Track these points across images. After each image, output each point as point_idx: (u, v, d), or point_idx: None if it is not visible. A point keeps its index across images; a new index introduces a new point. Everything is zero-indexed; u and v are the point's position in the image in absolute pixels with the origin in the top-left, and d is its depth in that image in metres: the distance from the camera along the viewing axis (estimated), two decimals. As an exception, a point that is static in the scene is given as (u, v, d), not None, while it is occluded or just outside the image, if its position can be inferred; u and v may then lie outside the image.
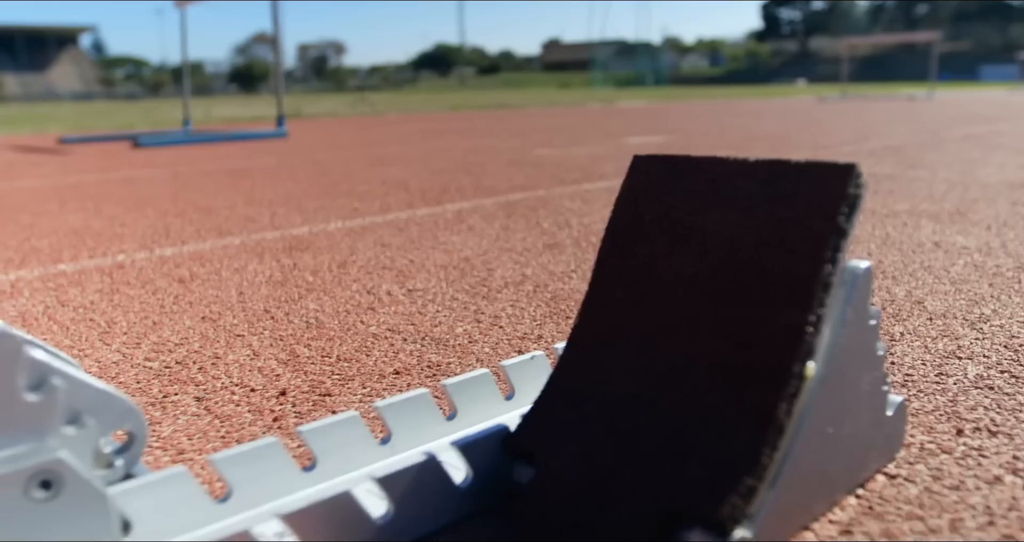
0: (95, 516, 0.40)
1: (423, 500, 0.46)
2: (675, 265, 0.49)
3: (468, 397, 0.57)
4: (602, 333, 0.50)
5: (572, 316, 0.91)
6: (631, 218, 0.53)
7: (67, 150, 4.24)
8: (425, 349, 0.81)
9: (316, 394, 0.70)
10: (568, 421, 0.48)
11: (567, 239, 1.38)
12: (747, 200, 0.49)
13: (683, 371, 0.46)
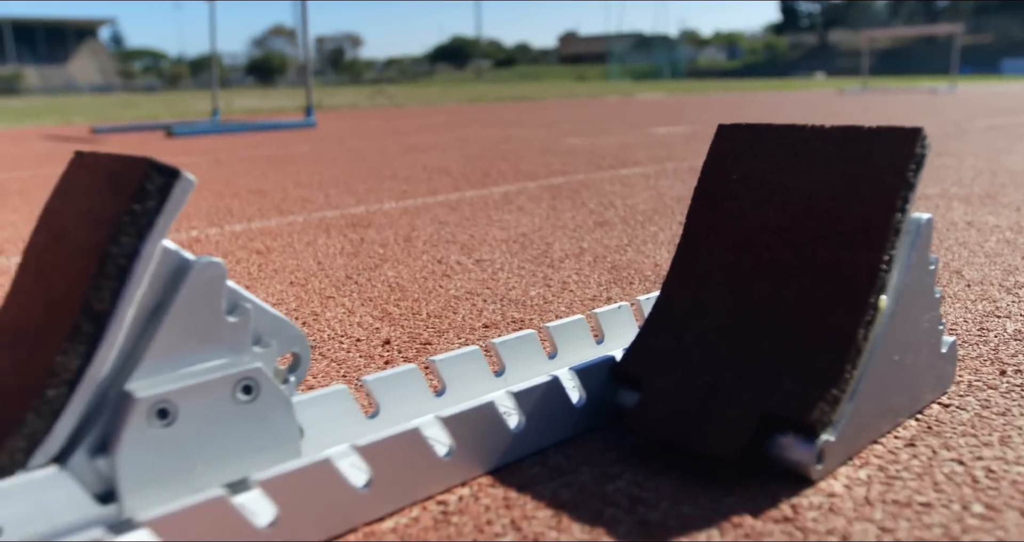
0: (283, 420, 0.48)
1: (548, 416, 0.53)
2: (761, 217, 0.57)
3: (567, 338, 0.65)
4: (696, 276, 0.58)
5: (634, 283, 0.99)
6: (719, 178, 0.60)
7: (102, 139, 4.35)
8: (506, 308, 0.89)
9: (417, 343, 0.78)
10: (669, 350, 0.55)
11: (615, 218, 1.45)
12: (824, 160, 0.56)
13: (772, 305, 0.53)
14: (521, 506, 0.46)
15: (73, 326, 0.43)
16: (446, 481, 0.48)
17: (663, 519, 0.45)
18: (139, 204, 0.44)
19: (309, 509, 0.42)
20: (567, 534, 0.43)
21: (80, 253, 0.45)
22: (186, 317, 0.45)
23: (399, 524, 0.45)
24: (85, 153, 0.53)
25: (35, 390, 0.42)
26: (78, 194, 0.50)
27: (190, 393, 0.44)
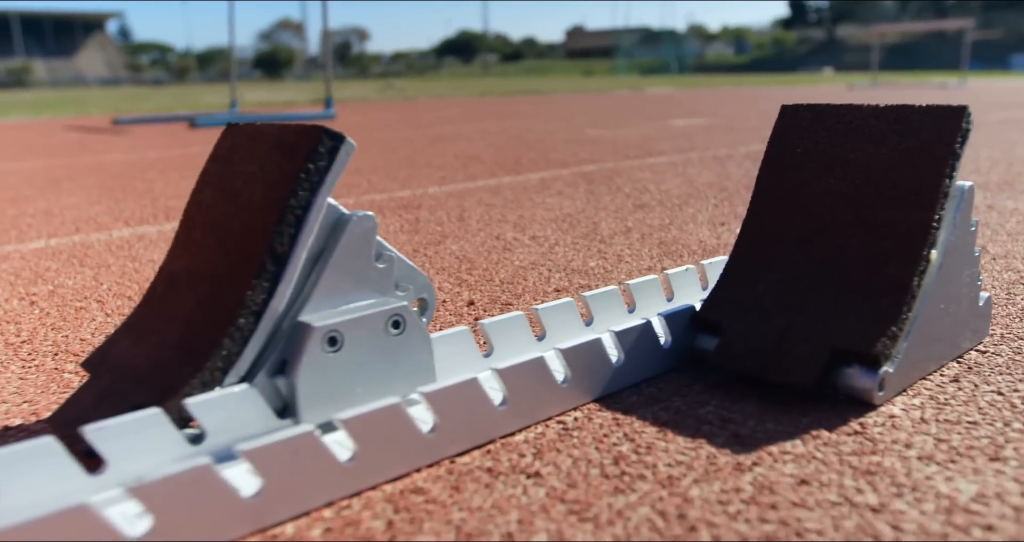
0: (424, 353, 0.56)
1: (641, 354, 0.61)
2: (823, 184, 0.65)
3: (642, 295, 0.73)
4: (765, 235, 0.66)
5: (683, 256, 1.07)
6: (783, 151, 0.68)
7: (125, 130, 4.43)
8: (571, 276, 0.97)
9: (499, 304, 0.86)
10: (744, 299, 0.63)
11: (652, 201, 1.53)
12: (880, 134, 0.64)
13: (836, 258, 0.61)
14: (629, 424, 0.55)
15: (260, 266, 0.51)
16: (563, 405, 0.56)
17: (752, 433, 0.53)
18: (312, 164, 0.52)
19: (460, 420, 0.50)
20: (674, 444, 0.52)
21: (255, 206, 0.54)
22: (344, 261, 0.54)
23: (529, 437, 0.53)
24: (240, 124, 0.61)
25: (228, 320, 0.51)
26: (240, 159, 0.58)
27: (354, 325, 0.52)
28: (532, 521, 0.43)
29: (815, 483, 0.46)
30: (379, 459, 0.47)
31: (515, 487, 0.46)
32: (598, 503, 0.44)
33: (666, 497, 0.45)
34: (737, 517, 0.43)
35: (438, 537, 0.41)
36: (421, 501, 0.45)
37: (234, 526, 0.42)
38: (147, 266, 1.10)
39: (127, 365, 0.55)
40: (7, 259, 1.17)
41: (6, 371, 0.70)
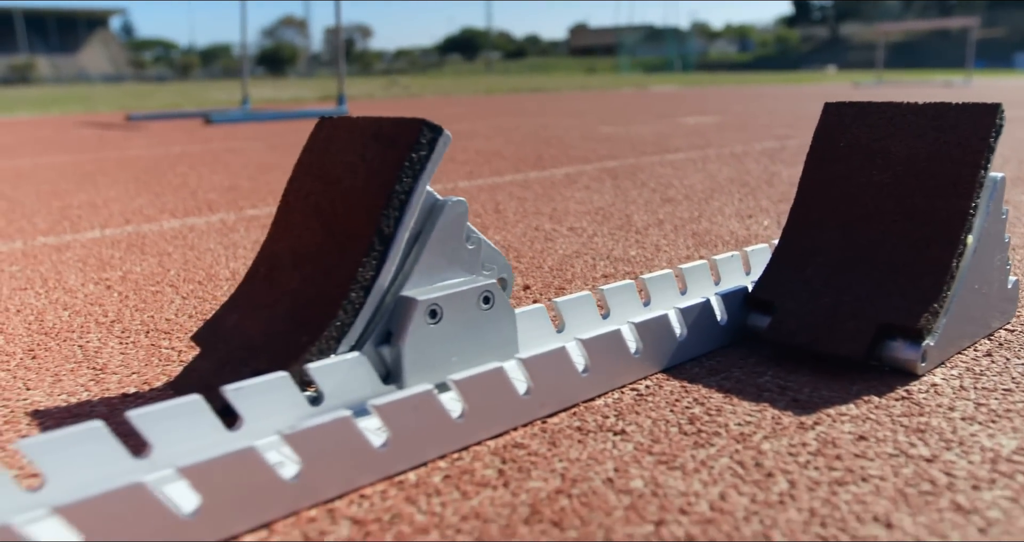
0: (510, 327, 0.62)
1: (701, 330, 0.67)
2: (866, 175, 0.70)
3: (694, 278, 0.79)
4: (811, 223, 0.71)
5: (718, 246, 1.12)
6: (828, 145, 0.74)
7: (140, 127, 4.48)
8: (615, 263, 1.02)
9: (552, 288, 0.91)
10: (793, 280, 0.69)
11: (678, 195, 1.59)
12: (919, 129, 0.69)
13: (879, 243, 0.67)
14: (696, 391, 0.60)
15: (368, 245, 0.56)
16: (636, 374, 0.62)
17: (809, 398, 0.58)
18: (415, 153, 0.58)
19: (551, 384, 0.56)
20: (740, 407, 0.57)
21: (359, 192, 0.59)
22: (440, 242, 0.59)
23: (608, 401, 0.59)
24: (333, 118, 0.67)
25: (340, 294, 0.56)
26: (338, 149, 0.64)
27: (451, 299, 0.58)
28: (627, 470, 0.48)
29: (872, 439, 0.52)
30: (484, 417, 0.52)
31: (605, 442, 0.52)
32: (682, 455, 0.50)
33: (741, 450, 0.51)
34: (807, 466, 0.48)
35: (546, 483, 0.47)
36: (524, 454, 0.51)
37: (367, 473, 0.47)
38: (206, 254, 1.15)
39: (239, 337, 0.60)
40: (69, 248, 1.23)
41: (106, 347, 0.76)
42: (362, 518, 0.44)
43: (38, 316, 0.86)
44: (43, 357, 0.73)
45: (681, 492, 0.46)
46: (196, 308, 0.88)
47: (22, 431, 0.57)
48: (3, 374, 0.69)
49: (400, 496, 0.46)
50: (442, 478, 0.48)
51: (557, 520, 0.43)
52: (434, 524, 0.43)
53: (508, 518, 0.43)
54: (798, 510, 0.44)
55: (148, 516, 0.39)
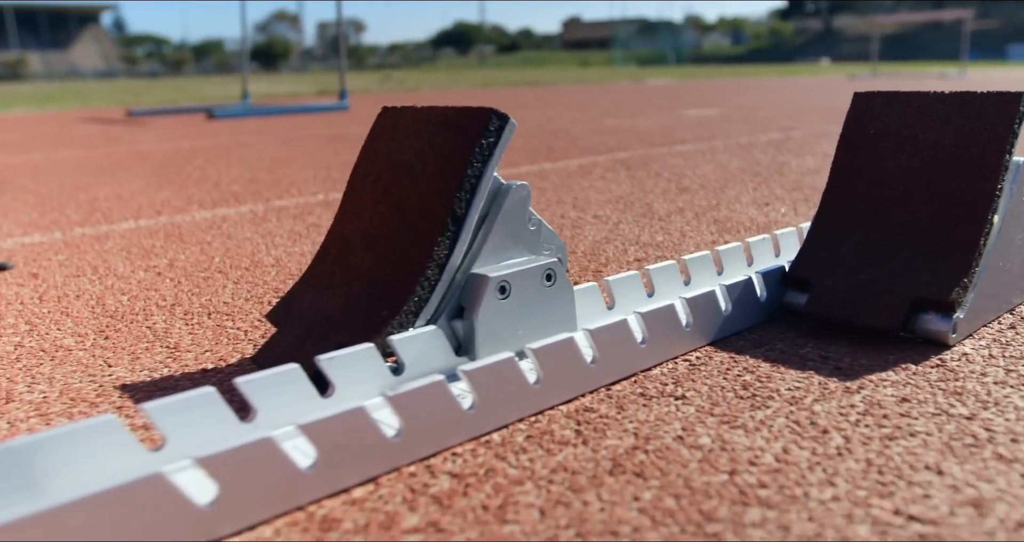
0: (569, 302, 0.66)
1: (743, 306, 0.71)
2: (895, 160, 0.75)
3: (730, 260, 0.83)
4: (843, 206, 0.76)
5: (740, 232, 1.17)
6: (858, 132, 0.78)
7: (143, 122, 4.50)
8: (644, 249, 1.07)
9: (589, 271, 0.96)
10: (829, 259, 0.73)
11: (693, 184, 1.63)
12: (946, 117, 0.74)
13: (909, 224, 0.71)
14: (744, 361, 0.65)
15: (443, 226, 0.61)
16: (687, 346, 0.66)
17: (850, 366, 0.63)
18: (484, 140, 0.62)
19: (613, 354, 0.60)
20: (788, 375, 0.62)
21: (431, 176, 0.63)
22: (505, 223, 0.63)
23: (664, 371, 0.63)
24: (397, 108, 0.71)
25: (417, 271, 0.60)
26: (404, 136, 0.68)
27: (518, 276, 0.62)
28: (693, 429, 0.53)
29: (914, 401, 0.56)
30: (557, 383, 0.57)
31: (668, 406, 0.56)
32: (742, 416, 0.54)
33: (795, 411, 0.55)
34: (858, 424, 0.53)
35: (621, 441, 0.51)
36: (595, 417, 0.55)
37: (457, 434, 0.51)
38: (244, 243, 1.19)
39: (316, 314, 0.64)
40: (108, 237, 1.26)
41: (173, 328, 0.79)
42: (459, 473, 0.48)
43: (99, 300, 0.90)
44: (115, 338, 0.77)
45: (747, 447, 0.50)
46: (249, 292, 0.92)
47: (116, 403, 0.61)
48: (82, 353, 0.73)
49: (489, 454, 0.50)
50: (524, 438, 0.52)
51: (639, 472, 0.47)
52: (527, 477, 0.47)
53: (593, 470, 0.48)
54: (856, 461, 0.48)
55: (273, 468, 0.43)
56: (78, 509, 0.37)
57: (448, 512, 0.43)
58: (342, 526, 0.43)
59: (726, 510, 0.43)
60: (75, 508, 0.37)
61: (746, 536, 0.40)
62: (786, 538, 0.40)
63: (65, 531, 0.37)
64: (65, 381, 0.66)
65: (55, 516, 0.37)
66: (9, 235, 1.31)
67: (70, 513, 0.37)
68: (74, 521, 0.37)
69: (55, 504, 0.37)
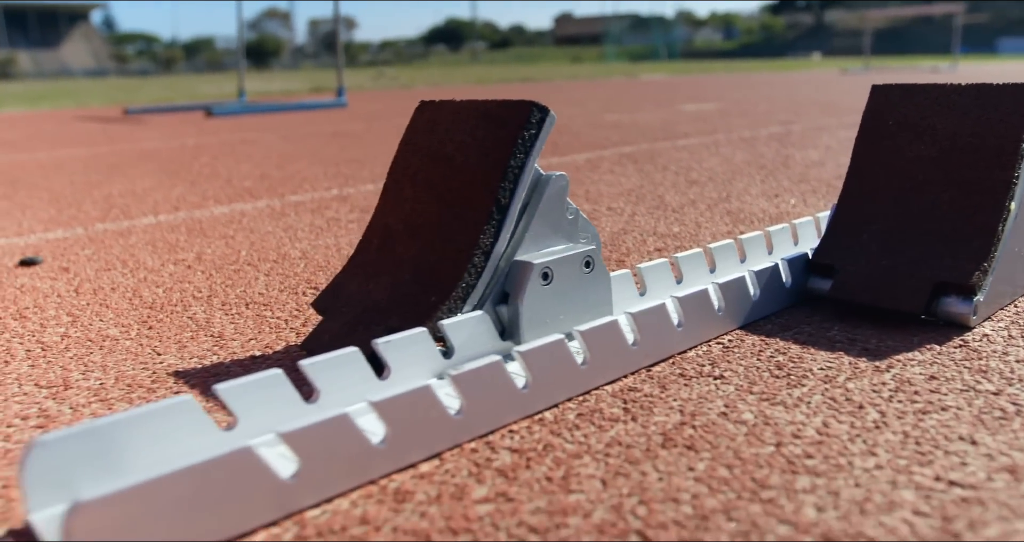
0: (606, 288, 0.69)
1: (770, 291, 0.74)
2: (914, 150, 0.77)
3: (753, 248, 0.86)
4: (864, 193, 0.78)
5: (754, 222, 1.19)
6: (877, 124, 0.81)
7: (141, 120, 4.51)
8: (663, 239, 1.09)
9: (611, 262, 0.98)
10: (851, 246, 0.76)
11: (701, 177, 1.65)
12: (963, 108, 0.76)
13: (929, 211, 0.74)
14: (775, 343, 0.67)
15: (488, 214, 0.63)
16: (719, 329, 0.69)
17: (877, 347, 0.66)
18: (526, 131, 0.64)
19: (653, 336, 0.63)
20: (819, 355, 0.64)
21: (474, 167, 0.66)
22: (546, 213, 0.66)
23: (699, 353, 0.66)
24: (435, 102, 0.73)
25: (465, 259, 0.63)
26: (444, 129, 0.70)
27: (560, 263, 0.64)
28: (735, 406, 0.55)
29: (942, 378, 0.59)
30: (602, 364, 0.59)
31: (708, 385, 0.59)
32: (780, 393, 0.57)
33: (830, 389, 0.58)
34: (891, 399, 0.56)
35: (668, 417, 0.54)
36: (640, 396, 0.58)
37: (513, 412, 0.54)
38: (268, 237, 1.21)
39: (364, 301, 0.67)
40: (131, 233, 1.28)
41: (214, 318, 0.82)
42: (518, 448, 0.50)
43: (135, 292, 0.92)
44: (159, 327, 0.79)
45: (789, 421, 0.53)
46: (282, 284, 0.94)
47: (172, 388, 0.64)
48: (129, 343, 0.75)
49: (544, 430, 0.53)
50: (576, 416, 0.55)
51: (690, 445, 0.50)
52: (584, 451, 0.50)
53: (646, 444, 0.50)
54: (893, 433, 0.51)
55: (349, 443, 0.46)
56: (176, 480, 0.40)
57: (514, 483, 0.46)
58: (415, 497, 0.45)
59: (777, 478, 0.45)
60: (174, 479, 0.40)
61: (799, 501, 0.43)
62: (837, 502, 0.43)
63: (165, 501, 0.39)
64: (118, 369, 0.68)
65: (157, 486, 0.39)
66: (32, 231, 1.33)
67: (170, 483, 0.39)
68: (173, 491, 0.40)
69: (157, 475, 0.39)
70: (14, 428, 0.57)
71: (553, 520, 0.42)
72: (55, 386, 0.65)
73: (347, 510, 0.44)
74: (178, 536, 0.40)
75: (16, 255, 1.14)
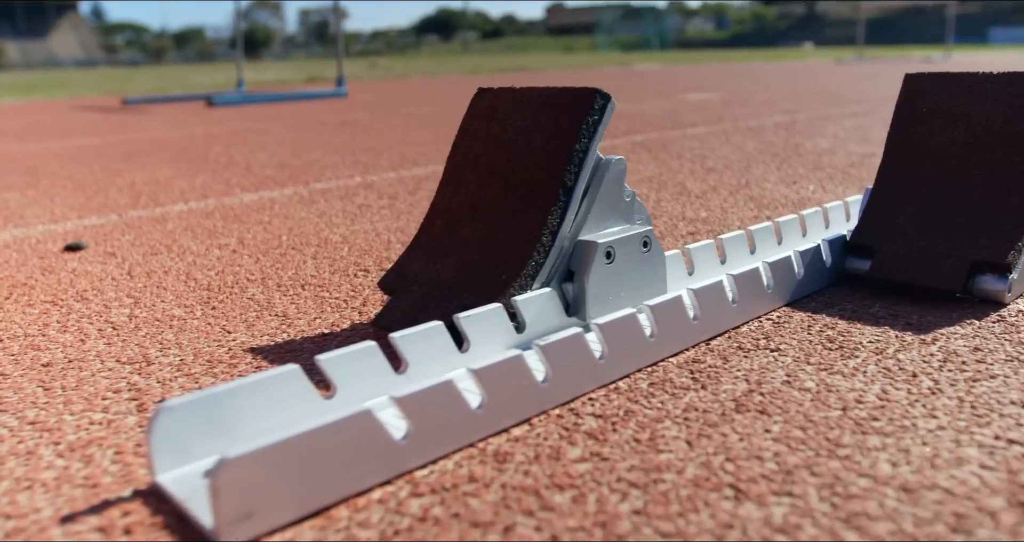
0: (661, 267, 0.72)
1: (812, 271, 0.78)
2: (948, 136, 0.81)
3: (788, 232, 0.89)
4: (899, 178, 0.82)
5: (778, 207, 1.23)
6: (911, 111, 0.84)
7: (142, 110, 4.51)
8: (693, 224, 1.13)
9: (648, 244, 1.01)
10: (888, 228, 0.79)
11: (718, 165, 1.69)
12: (995, 95, 0.80)
13: (964, 194, 0.78)
14: (822, 319, 0.71)
15: (555, 196, 0.66)
16: (768, 306, 0.72)
17: (919, 322, 0.69)
18: (591, 117, 0.67)
19: (711, 311, 0.66)
20: (866, 329, 0.68)
21: (538, 152, 0.69)
22: (606, 195, 0.69)
23: (752, 328, 0.69)
24: (493, 89, 0.76)
25: (534, 238, 0.66)
26: (504, 116, 0.73)
27: (622, 243, 0.68)
28: (796, 375, 0.59)
29: (985, 350, 0.63)
30: (668, 337, 0.63)
31: (766, 357, 0.63)
32: (836, 364, 0.61)
33: (882, 359, 0.61)
34: (941, 369, 0.59)
35: (735, 386, 0.58)
36: (705, 366, 0.61)
37: (591, 381, 0.57)
38: (304, 222, 1.24)
39: (432, 279, 0.70)
40: (166, 219, 1.31)
41: (274, 298, 0.85)
42: (601, 414, 0.54)
43: (188, 275, 0.95)
44: (222, 308, 0.82)
45: (849, 388, 0.56)
46: (331, 266, 0.97)
47: (251, 363, 0.67)
48: (196, 322, 0.78)
49: (622, 398, 0.56)
50: (648, 384, 0.58)
51: (761, 410, 0.53)
52: (663, 416, 0.53)
53: (721, 409, 0.54)
54: (948, 398, 0.54)
55: (453, 408, 0.49)
56: (308, 440, 0.43)
57: (605, 445, 0.49)
58: (515, 458, 0.48)
59: (849, 438, 0.49)
60: (306, 439, 0.43)
61: (874, 458, 0.47)
62: (908, 458, 0.46)
63: (296, 459, 0.42)
64: (193, 346, 0.71)
65: (291, 445, 0.42)
66: (66, 218, 1.35)
67: (302, 443, 0.42)
68: (304, 450, 0.43)
69: (291, 434, 0.42)
70: (109, 400, 0.60)
71: (649, 476, 0.45)
72: (137, 362, 0.68)
73: (453, 470, 0.47)
74: (306, 492, 0.43)
75: (58, 241, 1.17)
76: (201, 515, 0.42)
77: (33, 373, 0.66)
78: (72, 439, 0.54)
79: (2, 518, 0.45)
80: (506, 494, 0.44)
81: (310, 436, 0.43)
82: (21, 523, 0.44)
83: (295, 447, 0.42)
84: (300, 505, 0.43)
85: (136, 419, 0.56)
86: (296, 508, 0.43)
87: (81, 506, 0.46)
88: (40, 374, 0.66)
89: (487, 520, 0.42)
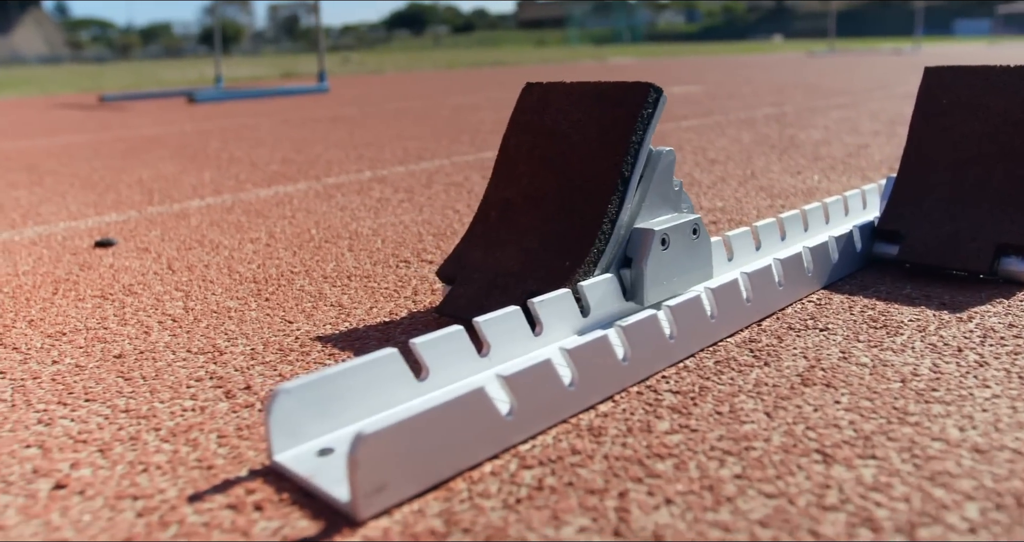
0: (708, 253, 0.76)
1: (845, 255, 0.82)
2: (968, 126, 0.85)
3: (814, 219, 0.93)
4: (922, 167, 0.86)
5: (789, 196, 1.27)
6: (932, 102, 0.88)
7: (123, 107, 4.46)
8: (712, 213, 1.16)
9: (675, 233, 1.05)
10: (914, 213, 0.84)
11: (719, 157, 1.73)
12: (1013, 87, 0.85)
13: (986, 180, 0.82)
14: (860, 300, 0.75)
15: (613, 186, 0.69)
16: (808, 289, 0.76)
17: (951, 301, 0.74)
18: (645, 110, 0.70)
19: (761, 294, 0.70)
20: (904, 309, 0.72)
21: (594, 144, 0.72)
22: (658, 185, 0.72)
23: (796, 309, 0.73)
24: (542, 83, 0.79)
25: (594, 226, 0.69)
26: (556, 109, 0.76)
27: (675, 230, 0.71)
28: (850, 352, 0.63)
29: (1019, 326, 0.67)
30: (726, 318, 0.66)
31: (817, 336, 0.66)
32: (885, 341, 0.65)
33: (927, 336, 0.65)
34: (983, 344, 0.63)
35: (795, 362, 0.61)
36: (763, 346, 0.65)
37: (663, 360, 0.61)
38: (328, 216, 1.26)
39: (493, 267, 0.73)
40: (187, 215, 1.32)
41: (324, 289, 0.87)
42: (678, 390, 0.57)
43: (230, 269, 0.97)
44: (275, 299, 0.84)
45: (903, 363, 0.60)
46: (371, 258, 0.99)
47: (324, 351, 0.69)
48: (254, 313, 0.80)
49: (693, 375, 0.60)
50: (713, 363, 0.62)
51: (827, 383, 0.57)
52: (737, 391, 0.57)
53: (789, 383, 0.57)
54: (996, 370, 0.58)
55: (551, 385, 0.52)
56: (430, 417, 0.46)
57: (691, 418, 0.53)
58: (609, 432, 0.52)
59: (914, 406, 0.53)
60: (429, 416, 0.45)
61: (941, 424, 0.51)
62: (973, 423, 0.50)
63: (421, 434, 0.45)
64: (260, 335, 0.74)
65: (417, 422, 0.45)
66: (84, 215, 1.36)
67: (426, 419, 0.45)
68: (427, 426, 0.46)
69: (417, 412, 0.45)
70: (195, 388, 0.62)
71: (739, 445, 0.49)
72: (208, 352, 0.70)
73: (553, 444, 0.51)
74: (429, 466, 0.46)
75: (84, 237, 1.18)
76: (332, 490, 0.45)
77: (108, 364, 0.68)
78: (171, 425, 0.56)
79: (129, 499, 0.47)
80: (611, 464, 0.48)
81: (432, 413, 0.46)
82: (150, 503, 0.46)
83: (421, 423, 0.45)
84: (423, 478, 0.46)
85: (228, 405, 0.59)
86: (420, 481, 0.46)
87: (203, 486, 0.48)
88: (116, 365, 0.68)
89: (600, 487, 0.45)
